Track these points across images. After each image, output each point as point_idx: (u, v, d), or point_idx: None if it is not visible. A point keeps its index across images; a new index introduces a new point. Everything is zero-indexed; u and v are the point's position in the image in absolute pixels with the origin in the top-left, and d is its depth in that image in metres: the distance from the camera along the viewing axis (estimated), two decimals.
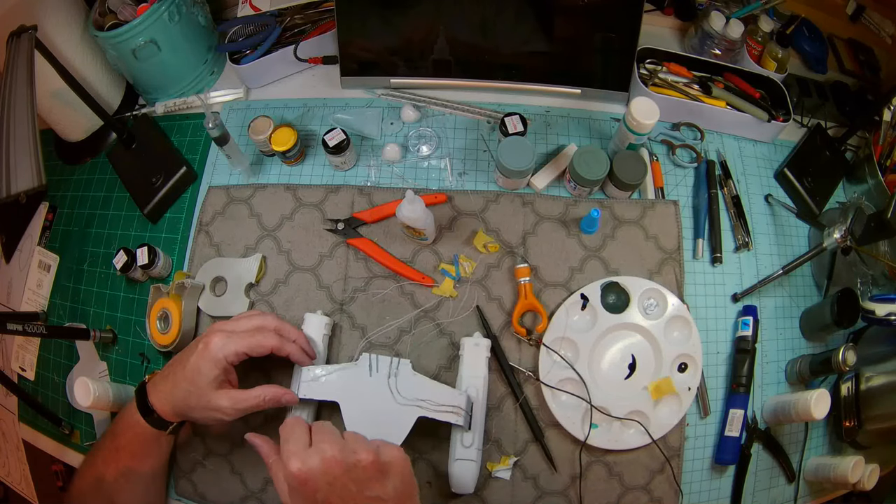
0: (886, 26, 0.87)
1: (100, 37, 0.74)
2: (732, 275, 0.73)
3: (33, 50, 0.64)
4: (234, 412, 0.57)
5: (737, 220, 0.74)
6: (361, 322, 0.69)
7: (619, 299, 0.68)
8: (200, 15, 0.83)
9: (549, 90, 0.81)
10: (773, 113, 0.77)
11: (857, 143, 0.84)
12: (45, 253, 0.84)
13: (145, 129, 0.83)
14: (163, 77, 0.83)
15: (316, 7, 0.83)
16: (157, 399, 0.57)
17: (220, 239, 0.74)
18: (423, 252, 0.71)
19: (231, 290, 0.71)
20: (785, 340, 0.72)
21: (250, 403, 0.57)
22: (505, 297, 0.69)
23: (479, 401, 0.61)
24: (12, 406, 0.81)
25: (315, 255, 0.72)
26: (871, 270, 0.73)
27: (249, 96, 0.86)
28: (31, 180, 0.59)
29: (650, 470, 0.64)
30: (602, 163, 0.69)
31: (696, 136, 0.79)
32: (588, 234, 0.71)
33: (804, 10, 0.88)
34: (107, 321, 0.76)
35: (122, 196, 0.82)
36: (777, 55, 0.80)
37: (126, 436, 0.59)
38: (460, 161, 0.78)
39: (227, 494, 0.65)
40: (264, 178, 0.78)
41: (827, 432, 0.72)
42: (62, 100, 0.79)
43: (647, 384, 0.65)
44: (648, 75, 0.81)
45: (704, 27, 0.82)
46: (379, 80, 0.82)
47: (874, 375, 0.68)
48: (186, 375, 0.56)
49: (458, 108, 0.81)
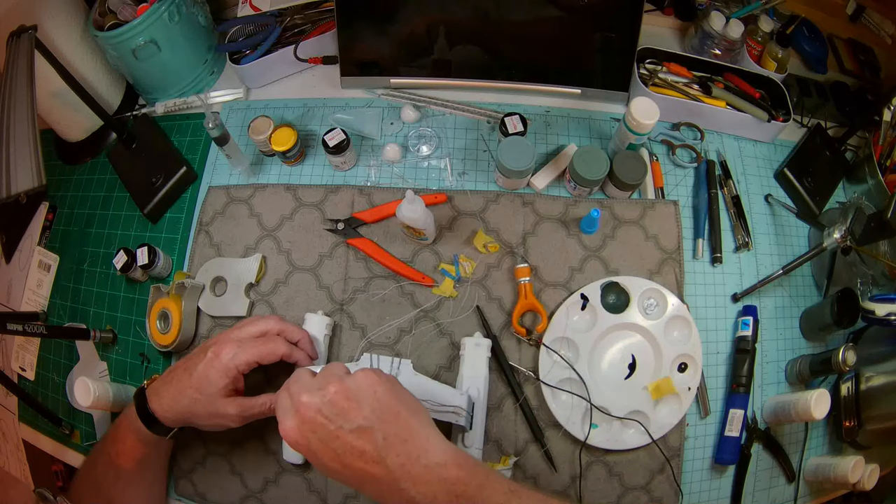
0: (886, 26, 0.87)
1: (100, 37, 0.74)
2: (732, 275, 0.73)
3: (33, 50, 0.64)
4: (241, 420, 0.57)
5: (737, 220, 0.74)
6: (361, 322, 0.69)
7: (619, 299, 0.68)
8: (200, 15, 0.83)
9: (549, 90, 0.81)
10: (773, 113, 0.77)
11: (857, 143, 0.84)
12: (45, 253, 0.84)
13: (145, 129, 0.83)
14: (163, 77, 0.82)
15: (316, 7, 0.83)
16: (158, 406, 0.56)
17: (220, 239, 0.74)
18: (423, 252, 0.71)
19: (231, 290, 0.71)
20: (785, 340, 0.72)
21: (256, 411, 0.57)
22: (505, 297, 0.69)
23: (479, 401, 0.61)
24: (12, 406, 0.81)
25: (315, 255, 0.72)
26: (871, 270, 0.73)
27: (249, 96, 0.86)
28: (31, 180, 0.59)
29: (650, 470, 0.64)
30: (602, 163, 0.69)
31: (696, 136, 0.79)
32: (588, 234, 0.71)
33: (804, 10, 0.88)
34: (107, 321, 0.76)
35: (122, 196, 0.82)
36: (777, 55, 0.80)
37: (126, 442, 0.58)
38: (460, 161, 0.78)
39: (227, 494, 0.65)
40: (264, 178, 0.78)
41: (827, 432, 0.72)
42: (62, 100, 0.79)
43: (647, 384, 0.65)
44: (648, 75, 0.81)
45: (704, 27, 0.82)
46: (379, 80, 0.82)
47: (874, 375, 0.68)
48: (193, 383, 0.55)
49: (458, 108, 0.81)
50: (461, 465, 0.45)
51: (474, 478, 0.44)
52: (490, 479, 0.45)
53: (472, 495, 0.43)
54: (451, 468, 0.44)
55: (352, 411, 0.44)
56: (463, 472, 0.44)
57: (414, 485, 0.43)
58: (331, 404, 0.44)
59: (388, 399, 0.45)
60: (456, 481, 0.44)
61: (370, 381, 0.46)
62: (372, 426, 0.44)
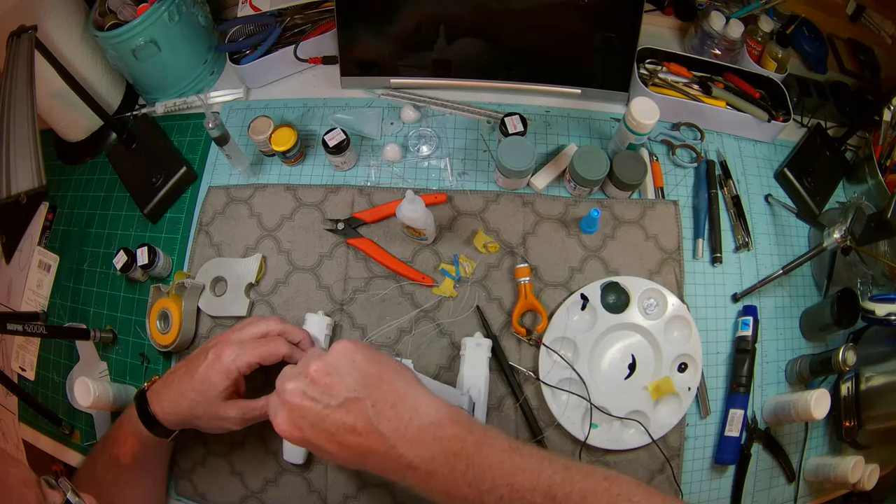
0: (886, 26, 0.87)
1: (100, 37, 0.74)
2: (732, 275, 0.73)
3: (33, 50, 0.64)
4: (242, 422, 0.57)
5: (737, 220, 0.74)
6: (362, 322, 0.69)
7: (619, 299, 0.67)
8: (200, 15, 0.83)
9: (549, 90, 0.81)
10: (773, 113, 0.77)
11: (857, 143, 0.84)
12: (45, 253, 0.84)
13: (145, 129, 0.83)
14: (163, 77, 0.82)
15: (316, 7, 0.83)
16: (159, 408, 0.56)
17: (220, 239, 0.74)
18: (423, 252, 0.71)
19: (231, 290, 0.71)
20: (785, 340, 0.72)
21: (258, 413, 0.57)
22: (505, 297, 0.69)
23: (480, 401, 0.61)
24: (12, 406, 0.81)
25: (315, 255, 0.72)
26: (871, 270, 0.73)
27: (249, 96, 0.86)
28: (32, 180, 0.59)
29: (650, 470, 0.64)
30: (602, 163, 0.69)
31: (696, 136, 0.79)
32: (588, 234, 0.71)
33: (804, 10, 0.88)
34: (107, 321, 0.76)
35: (122, 196, 0.82)
36: (777, 55, 0.80)
37: (127, 443, 0.58)
38: (460, 161, 0.78)
39: (227, 494, 0.65)
40: (264, 178, 0.78)
41: (827, 432, 0.72)
42: (62, 100, 0.79)
43: (647, 384, 0.65)
44: (648, 75, 0.81)
45: (704, 27, 0.82)
46: (379, 80, 0.82)
47: (874, 375, 0.68)
48: (195, 385, 0.55)
49: (458, 108, 0.81)
50: (456, 422, 0.43)
51: (471, 434, 0.43)
52: (488, 435, 0.44)
53: (470, 453, 0.42)
54: (446, 426, 0.43)
55: (335, 385, 0.43)
56: (459, 428, 0.43)
57: (411, 447, 0.42)
58: (313, 383, 0.44)
59: (368, 365, 0.45)
60: (452, 438, 0.42)
61: (347, 350, 0.45)
62: (358, 396, 0.43)
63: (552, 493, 0.41)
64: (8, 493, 0.41)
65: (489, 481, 0.41)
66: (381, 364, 0.46)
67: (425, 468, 0.42)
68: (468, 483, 0.41)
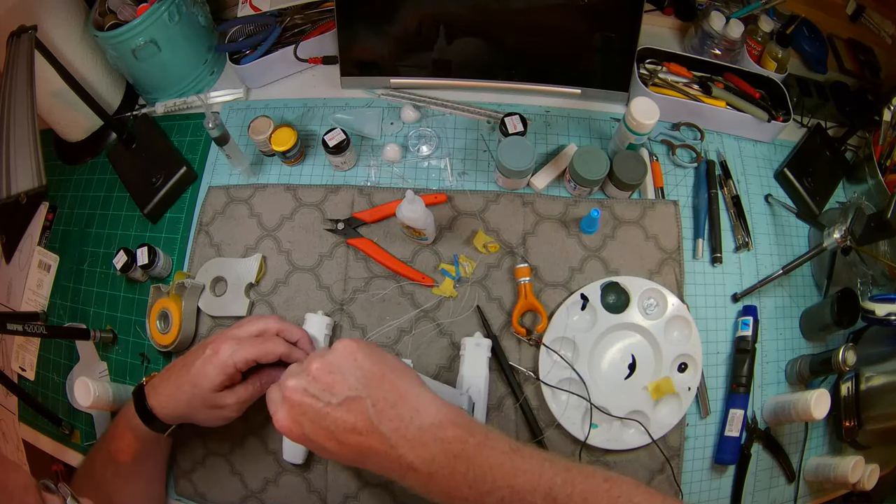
0: (886, 26, 0.87)
1: (100, 37, 0.74)
2: (732, 275, 0.73)
3: (33, 50, 0.64)
4: (238, 407, 0.57)
5: (737, 220, 0.74)
6: (362, 322, 0.69)
7: (619, 299, 0.67)
8: (200, 15, 0.83)
9: (549, 90, 0.81)
10: (773, 113, 0.77)
11: (857, 143, 0.84)
12: (45, 253, 0.84)
13: (145, 129, 0.83)
14: (163, 77, 0.82)
15: (316, 7, 0.83)
16: (157, 402, 0.57)
17: (220, 239, 0.74)
18: (423, 252, 0.71)
19: (231, 290, 0.71)
20: (785, 340, 0.72)
21: (249, 392, 0.57)
22: (505, 297, 0.69)
23: (480, 401, 0.61)
24: (12, 406, 0.81)
25: (315, 255, 0.72)
26: (871, 270, 0.73)
27: (249, 96, 0.86)
28: (32, 180, 0.59)
29: (650, 470, 0.64)
30: (602, 163, 0.69)
31: (696, 136, 0.79)
32: (588, 234, 0.71)
33: (804, 10, 0.88)
34: (107, 321, 0.76)
35: (122, 196, 0.82)
36: (777, 55, 0.80)
37: (124, 439, 0.59)
38: (460, 161, 0.78)
39: (227, 494, 0.65)
40: (264, 178, 0.78)
41: (827, 432, 0.72)
42: (62, 100, 0.79)
43: (647, 384, 0.65)
44: (648, 75, 0.81)
45: (704, 27, 0.82)
46: (379, 80, 0.82)
47: (874, 375, 0.68)
48: (191, 379, 0.55)
49: (458, 108, 0.81)
50: (457, 424, 0.43)
51: (472, 436, 0.43)
52: (489, 437, 0.43)
53: (471, 454, 0.42)
54: (447, 427, 0.43)
55: (336, 384, 0.43)
56: (460, 430, 0.43)
57: (411, 448, 0.42)
58: (315, 381, 0.44)
59: (370, 364, 0.45)
60: (453, 440, 0.42)
61: (349, 349, 0.45)
62: (359, 395, 0.43)
63: (553, 494, 0.41)
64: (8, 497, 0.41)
65: (490, 483, 0.41)
66: (384, 363, 0.46)
67: (426, 469, 0.42)
68: (469, 484, 0.41)
